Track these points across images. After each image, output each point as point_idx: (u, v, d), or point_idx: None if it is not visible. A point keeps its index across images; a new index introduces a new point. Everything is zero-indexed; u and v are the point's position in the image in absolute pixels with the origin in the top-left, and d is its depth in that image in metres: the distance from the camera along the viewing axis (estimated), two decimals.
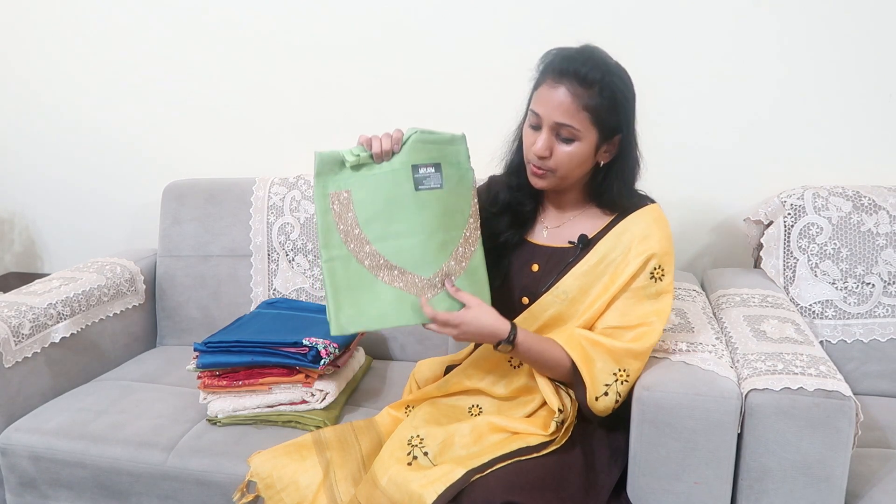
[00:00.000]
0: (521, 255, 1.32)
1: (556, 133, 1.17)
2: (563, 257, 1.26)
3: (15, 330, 1.53)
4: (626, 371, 1.17)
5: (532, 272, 1.29)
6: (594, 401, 1.17)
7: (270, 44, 2.00)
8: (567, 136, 1.17)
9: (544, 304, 1.25)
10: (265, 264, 1.89)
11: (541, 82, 1.19)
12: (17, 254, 2.43)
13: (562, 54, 1.17)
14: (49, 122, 2.24)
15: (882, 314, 1.57)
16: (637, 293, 1.20)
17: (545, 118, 1.17)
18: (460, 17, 1.85)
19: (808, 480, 1.10)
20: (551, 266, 1.27)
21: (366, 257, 1.20)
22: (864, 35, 1.68)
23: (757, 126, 1.77)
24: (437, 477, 1.09)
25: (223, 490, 1.35)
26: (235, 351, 1.46)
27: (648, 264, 1.19)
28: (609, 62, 1.17)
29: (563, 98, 1.14)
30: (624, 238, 1.22)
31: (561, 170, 1.20)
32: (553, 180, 1.22)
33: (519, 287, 1.29)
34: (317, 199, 1.20)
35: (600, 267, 1.22)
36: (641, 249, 1.20)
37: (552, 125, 1.17)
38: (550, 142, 1.18)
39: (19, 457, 1.46)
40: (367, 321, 1.21)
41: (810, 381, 1.10)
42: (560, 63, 1.16)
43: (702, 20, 1.74)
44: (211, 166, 2.09)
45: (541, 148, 1.18)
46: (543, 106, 1.17)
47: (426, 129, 1.21)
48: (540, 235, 1.33)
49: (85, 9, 2.10)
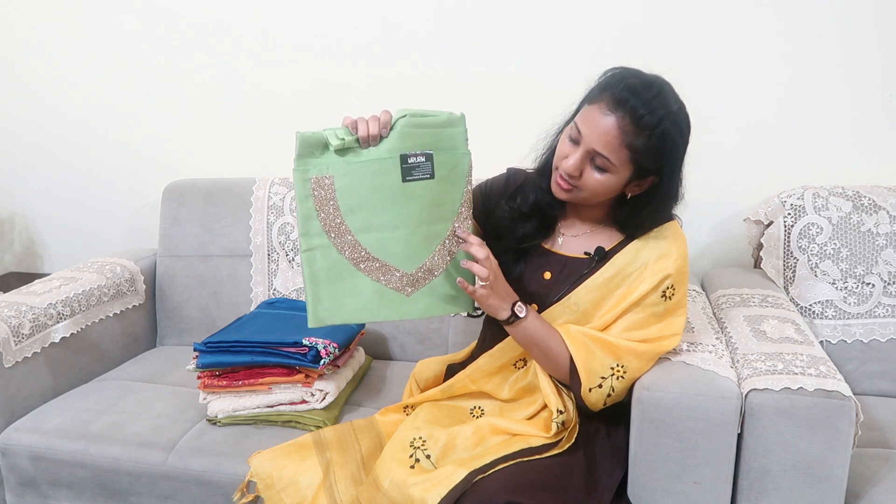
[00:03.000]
0: (534, 260, 1.28)
1: (590, 157, 1.13)
2: (578, 268, 1.24)
3: (15, 330, 1.53)
4: (623, 367, 1.17)
5: (543, 280, 1.27)
6: (587, 392, 1.17)
7: (270, 44, 2.00)
8: (600, 166, 1.13)
9: (554, 314, 1.23)
10: (265, 264, 1.89)
11: (594, 100, 1.13)
12: (17, 254, 2.43)
13: (626, 82, 1.11)
14: (49, 122, 2.24)
15: (882, 314, 1.57)
16: (645, 309, 1.19)
17: (585, 140, 1.13)
18: (460, 17, 1.86)
19: (808, 480, 1.10)
20: (564, 276, 1.25)
21: (346, 248, 1.14)
22: (864, 36, 1.68)
23: (757, 126, 1.77)
24: (440, 480, 1.09)
25: (223, 490, 1.35)
26: (235, 351, 1.46)
27: (663, 284, 1.18)
28: (672, 107, 1.11)
29: (609, 129, 1.10)
30: (642, 254, 1.20)
31: (587, 192, 1.17)
32: (578, 197, 1.19)
33: (528, 294, 1.26)
34: (297, 183, 1.13)
35: (615, 280, 1.21)
36: (658, 268, 1.18)
37: (589, 149, 1.12)
38: (583, 164, 1.14)
39: (19, 457, 1.46)
40: (346, 314, 1.17)
41: (810, 381, 1.10)
42: (621, 92, 1.09)
43: (702, 20, 1.74)
44: (211, 166, 2.10)
45: (571, 167, 1.14)
46: (588, 127, 1.12)
47: (418, 111, 1.14)
48: (555, 243, 1.29)
49: (85, 9, 2.10)
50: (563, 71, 1.80)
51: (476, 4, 1.84)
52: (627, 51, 1.80)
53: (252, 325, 1.59)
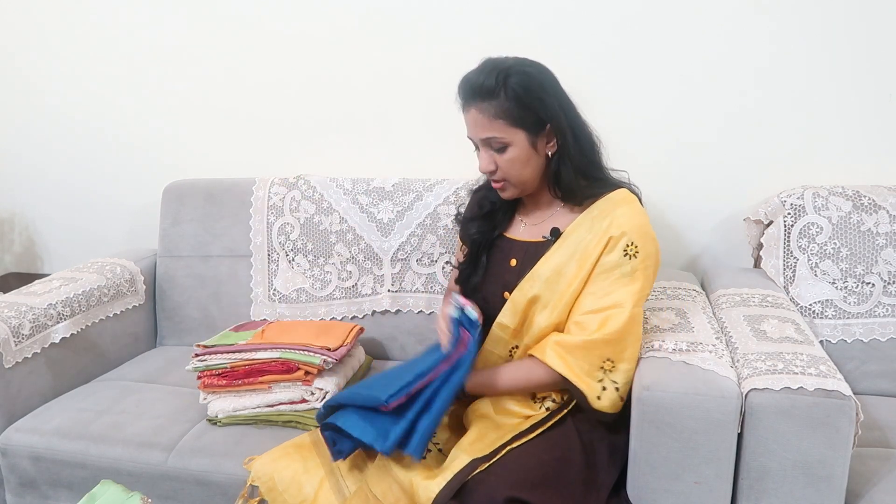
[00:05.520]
0: (500, 250, 1.36)
1: (489, 148, 1.24)
2: (539, 251, 1.28)
3: (15, 330, 1.53)
4: (609, 359, 1.18)
5: (511, 267, 1.32)
6: (597, 401, 1.18)
7: (271, 44, 2.00)
8: (498, 147, 1.23)
9: (522, 288, 1.26)
10: (265, 264, 1.89)
11: (462, 111, 1.26)
12: (17, 254, 2.43)
13: (463, 79, 1.24)
14: (49, 122, 2.24)
15: (882, 314, 1.57)
16: (611, 272, 1.20)
17: (474, 139, 1.26)
18: (460, 15, 1.85)
19: (809, 480, 1.10)
20: (528, 260, 1.29)
21: None
22: (865, 35, 1.67)
23: (757, 126, 1.77)
24: (445, 466, 1.14)
25: (223, 490, 1.35)
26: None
27: (620, 241, 1.20)
28: (505, 64, 1.20)
29: (475, 117, 1.21)
30: (595, 221, 1.24)
31: (511, 176, 1.25)
32: (513, 188, 1.28)
33: (500, 283, 1.32)
34: None
35: (570, 249, 1.24)
36: (612, 227, 1.21)
37: (482, 141, 1.24)
38: (490, 156, 1.24)
39: (19, 457, 1.46)
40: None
41: (810, 380, 1.10)
42: (462, 87, 1.23)
43: (702, 20, 1.73)
44: (211, 166, 2.10)
45: (483, 166, 1.25)
46: (469, 129, 1.25)
47: None
48: (517, 231, 1.36)
49: (85, 9, 2.10)
50: (564, 71, 1.80)
51: (478, 3, 1.84)
52: (625, 53, 1.81)
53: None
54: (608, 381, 1.18)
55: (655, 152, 1.82)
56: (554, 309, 1.23)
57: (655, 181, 1.34)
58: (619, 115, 1.79)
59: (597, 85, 1.80)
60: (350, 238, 1.84)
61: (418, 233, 1.80)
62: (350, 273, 1.85)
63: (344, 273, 1.86)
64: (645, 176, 1.35)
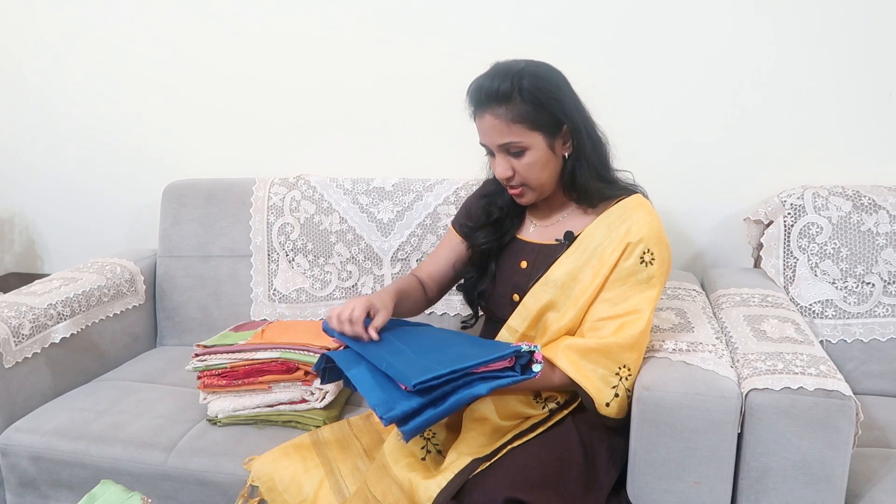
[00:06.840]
0: (511, 252, 1.34)
1: (506, 153, 1.21)
2: (552, 253, 1.27)
3: (15, 330, 1.53)
4: (626, 366, 1.17)
5: (521, 269, 1.30)
6: (605, 407, 1.17)
7: (271, 44, 2.00)
8: (515, 151, 1.21)
9: (535, 293, 1.25)
10: (265, 264, 1.89)
11: (473, 116, 1.24)
12: (17, 254, 2.43)
13: (474, 84, 1.22)
14: (49, 121, 2.24)
15: (882, 314, 1.57)
16: (628, 279, 1.19)
17: (490, 144, 1.23)
18: (460, 15, 1.85)
19: (809, 480, 1.10)
20: (540, 262, 1.28)
21: None
22: (864, 35, 1.67)
23: (757, 126, 1.77)
24: (446, 465, 1.13)
25: (223, 490, 1.35)
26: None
27: (637, 248, 1.19)
28: (517, 67, 1.19)
29: (491, 122, 1.19)
30: (612, 227, 1.23)
31: (531, 181, 1.23)
32: (532, 193, 1.26)
33: (510, 284, 1.30)
34: None
35: (586, 253, 1.23)
36: (629, 234, 1.20)
37: (498, 147, 1.21)
38: (507, 162, 1.22)
39: (19, 457, 1.46)
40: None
41: (810, 380, 1.10)
42: (474, 93, 1.21)
43: (702, 20, 1.73)
44: (211, 166, 2.09)
45: (500, 172, 1.23)
46: (483, 136, 1.23)
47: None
48: (527, 232, 1.35)
49: (85, 9, 2.10)
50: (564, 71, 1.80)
51: (479, 4, 1.84)
52: (625, 54, 1.80)
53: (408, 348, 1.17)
54: (622, 389, 1.17)
55: (656, 152, 1.82)
56: (567, 313, 1.22)
57: (656, 181, 1.34)
58: (620, 115, 1.77)
59: (597, 85, 1.78)
60: (350, 238, 1.84)
61: (418, 233, 1.80)
62: (350, 273, 1.85)
63: (344, 273, 1.86)
64: (645, 176, 1.35)
